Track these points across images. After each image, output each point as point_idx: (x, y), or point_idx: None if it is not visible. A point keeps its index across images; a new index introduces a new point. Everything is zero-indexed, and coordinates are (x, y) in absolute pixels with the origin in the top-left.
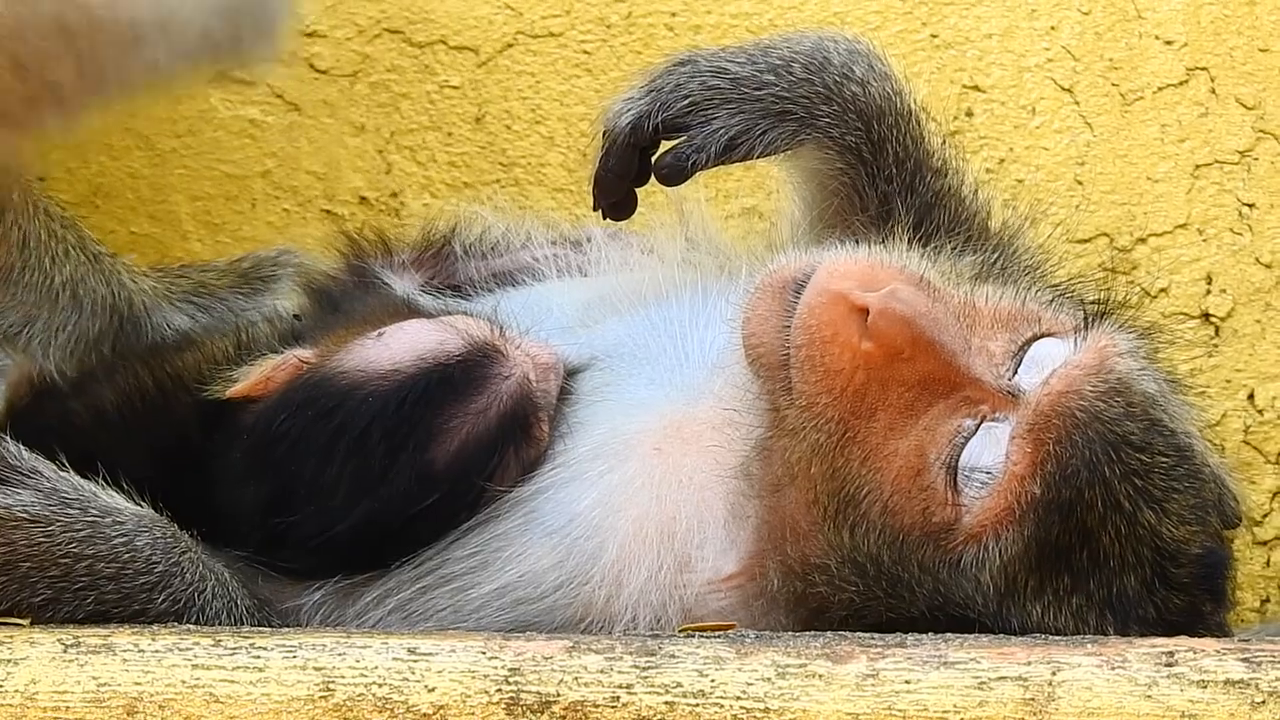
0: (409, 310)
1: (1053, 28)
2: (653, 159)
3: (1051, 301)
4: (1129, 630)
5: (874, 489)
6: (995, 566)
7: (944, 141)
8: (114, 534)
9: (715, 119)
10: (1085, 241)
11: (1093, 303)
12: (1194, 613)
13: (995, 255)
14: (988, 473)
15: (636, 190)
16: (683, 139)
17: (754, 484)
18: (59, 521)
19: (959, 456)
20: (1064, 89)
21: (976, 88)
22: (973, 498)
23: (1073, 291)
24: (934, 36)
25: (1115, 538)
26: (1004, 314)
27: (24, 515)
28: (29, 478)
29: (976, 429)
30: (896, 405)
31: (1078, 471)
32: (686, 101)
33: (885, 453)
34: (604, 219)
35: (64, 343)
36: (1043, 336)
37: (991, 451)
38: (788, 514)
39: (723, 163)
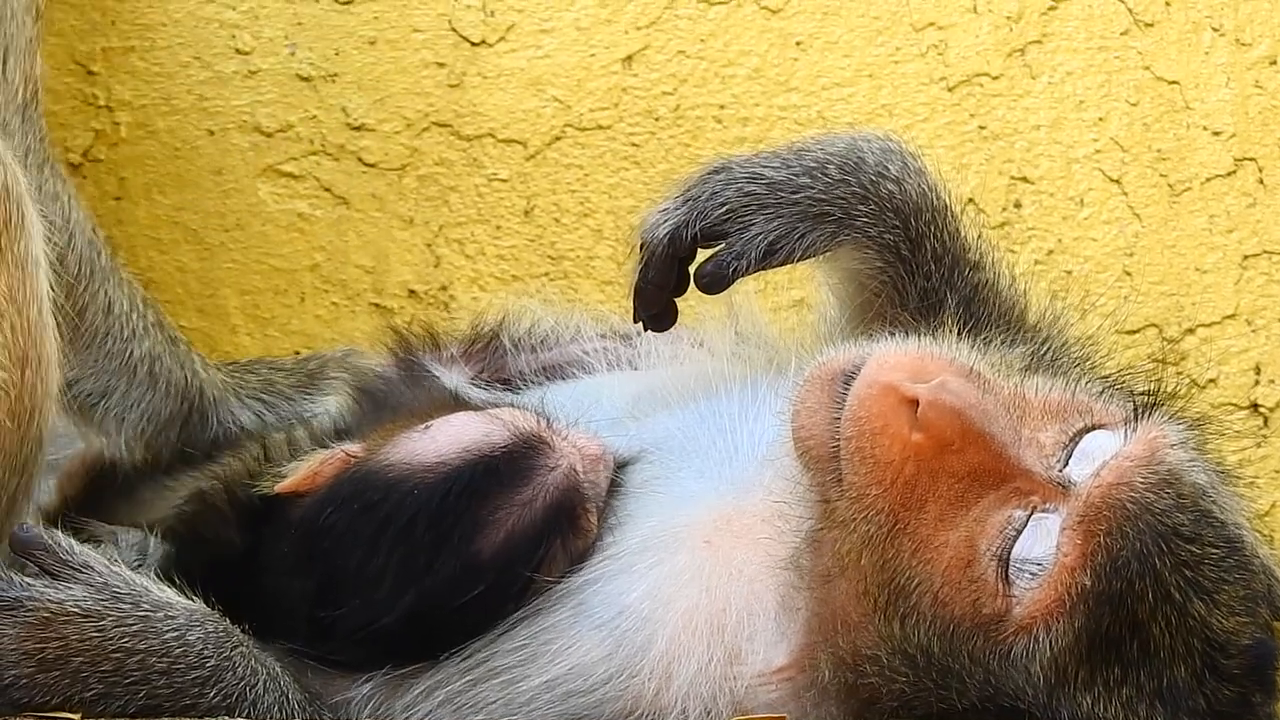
0: (457, 403)
1: (1101, 119)
2: (692, 268)
3: (1101, 393)
4: None
5: (924, 580)
6: (1046, 658)
7: (980, 235)
8: (166, 629)
9: (754, 225)
10: (1134, 332)
11: (1142, 394)
12: (1244, 704)
13: (1040, 346)
14: (1038, 564)
15: (674, 304)
16: (722, 246)
17: (804, 576)
18: (111, 616)
19: (1010, 548)
20: (1112, 180)
21: (1025, 179)
22: (1023, 589)
23: (1122, 382)
24: (982, 128)
25: (1165, 629)
26: (1054, 405)
27: (76, 610)
28: (81, 572)
29: (1027, 520)
30: (946, 496)
31: (1128, 563)
32: (724, 209)
33: (935, 544)
34: (644, 330)
35: (136, 420)
36: (1093, 428)
37: (1042, 543)
38: (838, 605)
39: (763, 268)
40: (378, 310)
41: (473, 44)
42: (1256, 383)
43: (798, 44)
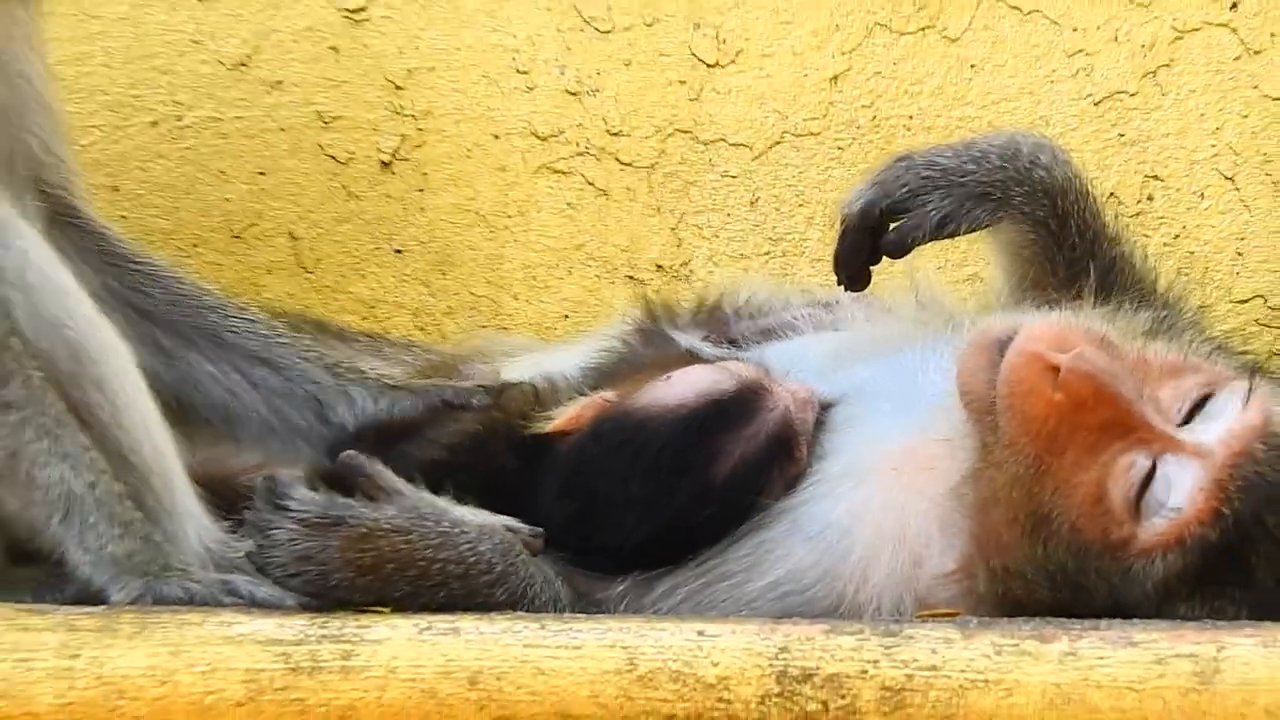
0: (691, 359)
1: (1218, 128)
2: (881, 240)
3: (1210, 354)
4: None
5: (1063, 511)
6: (1159, 578)
7: (1117, 218)
8: (462, 541)
9: (929, 202)
10: (1244, 302)
11: (1254, 363)
12: None
13: (1164, 312)
14: (1160, 504)
15: (871, 266)
16: (904, 219)
17: (967, 503)
18: (417, 531)
19: (1134, 487)
20: (1227, 178)
21: (1156, 177)
22: (1146, 523)
23: (1228, 346)
24: (1121, 135)
25: (1265, 561)
26: (1171, 366)
27: (389, 527)
28: (393, 495)
29: (1150, 465)
30: (1082, 444)
31: (1244, 519)
32: (905, 189)
33: (1073, 482)
34: (844, 291)
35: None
36: (1207, 388)
37: (1162, 486)
38: (994, 529)
39: (936, 238)
40: (631, 282)
41: (708, 65)
42: None
43: (971, 66)
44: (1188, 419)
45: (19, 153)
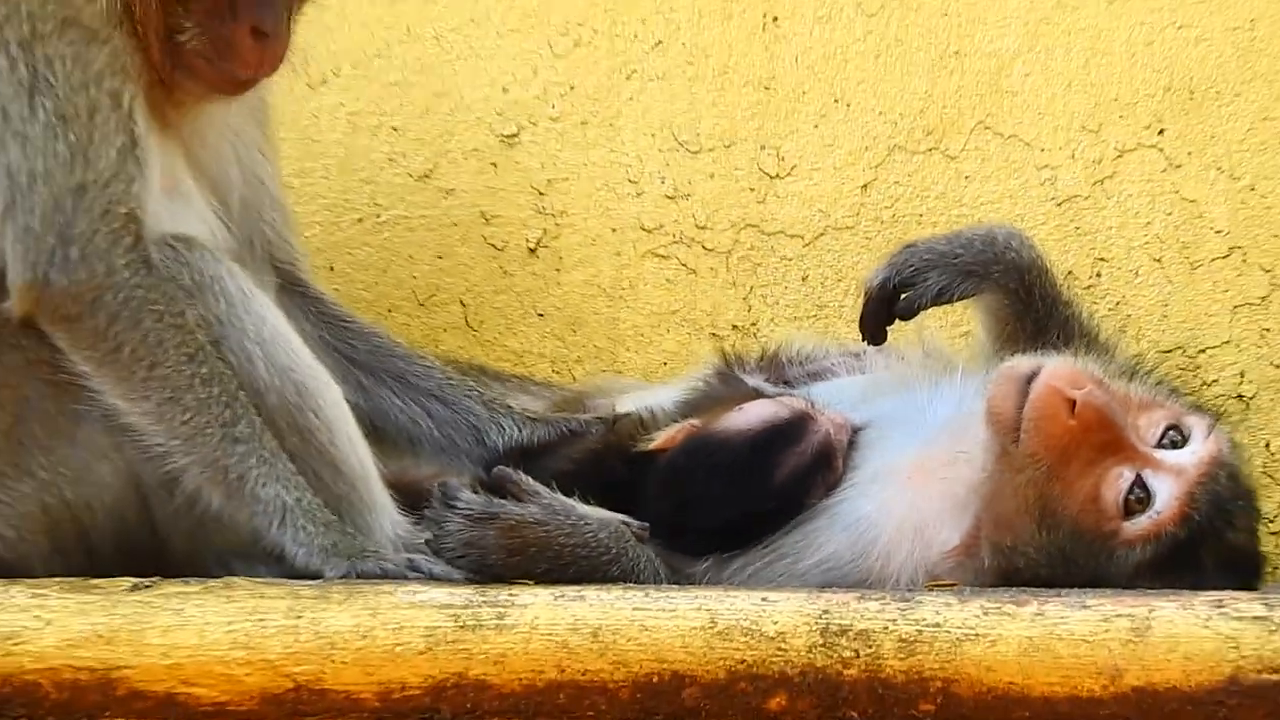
0: (756, 395)
1: (1148, 223)
2: (895, 306)
3: (1167, 394)
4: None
5: (1066, 506)
6: (1135, 561)
7: (1071, 287)
8: (586, 531)
9: (929, 278)
10: (1167, 352)
11: (1208, 410)
12: (1246, 585)
13: (1113, 358)
14: (1140, 506)
15: (888, 327)
16: (911, 291)
17: (979, 495)
18: (553, 523)
19: (1123, 493)
20: (1155, 260)
21: (1103, 259)
22: (1129, 523)
23: (1177, 389)
24: (1077, 228)
25: (1211, 550)
26: (1143, 402)
27: (531, 520)
28: (534, 496)
29: (1135, 477)
30: (1085, 458)
31: (1201, 523)
32: (911, 269)
33: (1076, 485)
34: (869, 344)
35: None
36: (1172, 422)
37: (1143, 493)
38: (1004, 515)
39: (935, 305)
40: (712, 338)
41: (771, 177)
42: (1240, 382)
43: (965, 178)
44: (1159, 444)
45: (258, 237)
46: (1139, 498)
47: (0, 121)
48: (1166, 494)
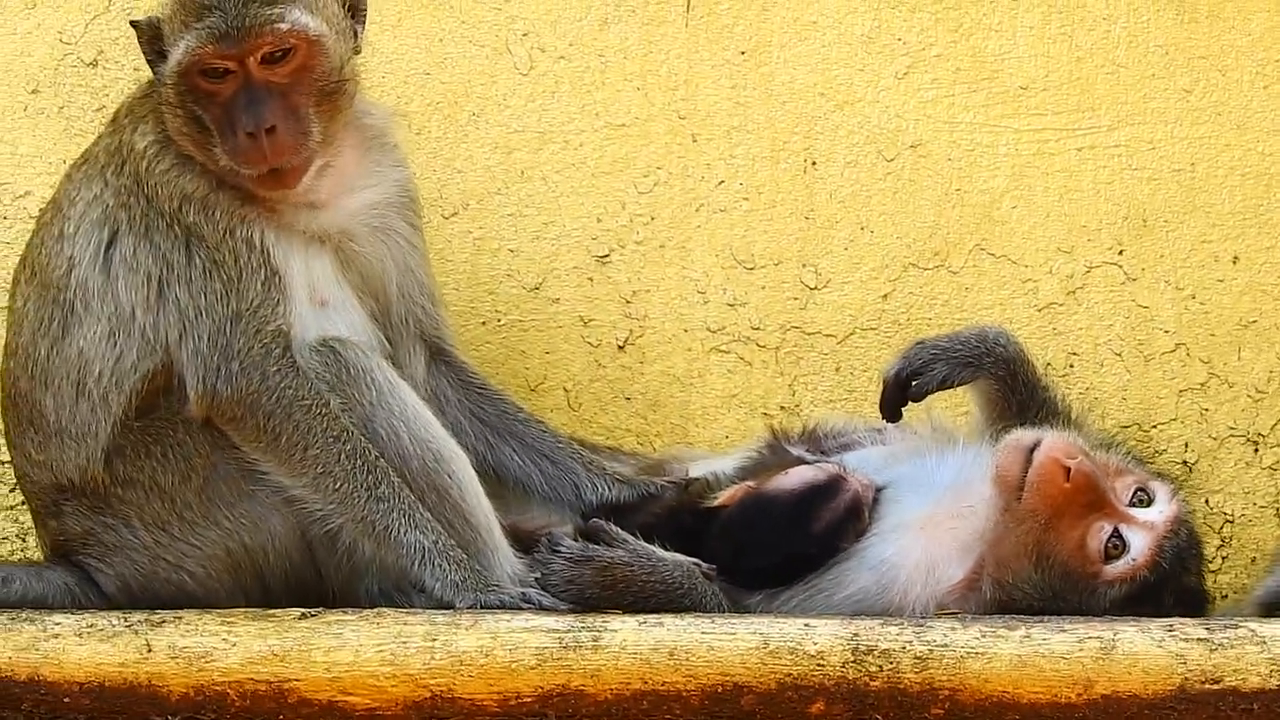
0: (799, 462)
1: (1110, 325)
2: (908, 391)
3: (1134, 462)
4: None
5: (1058, 552)
6: (1112, 598)
7: (1049, 376)
8: (664, 571)
9: (935, 369)
10: (1126, 427)
11: (1168, 476)
12: (1197, 611)
13: (1080, 431)
14: (1119, 552)
15: (902, 408)
16: (920, 379)
17: (983, 540)
18: (637, 565)
19: (1104, 542)
20: (1117, 354)
21: (1075, 354)
22: (1109, 565)
23: (1142, 457)
24: (1054, 329)
25: (1170, 590)
26: (1117, 468)
27: (620, 562)
28: (622, 543)
29: (1113, 529)
30: (1074, 514)
31: (1165, 569)
32: (921, 361)
33: (1066, 535)
34: (887, 422)
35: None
36: (1140, 484)
37: (1119, 544)
38: (1004, 557)
39: (940, 390)
40: (765, 417)
41: (810, 288)
42: (1185, 452)
43: (965, 289)
44: (1130, 502)
45: (411, 317)
46: (1116, 546)
47: (166, 269)
48: (1140, 544)
